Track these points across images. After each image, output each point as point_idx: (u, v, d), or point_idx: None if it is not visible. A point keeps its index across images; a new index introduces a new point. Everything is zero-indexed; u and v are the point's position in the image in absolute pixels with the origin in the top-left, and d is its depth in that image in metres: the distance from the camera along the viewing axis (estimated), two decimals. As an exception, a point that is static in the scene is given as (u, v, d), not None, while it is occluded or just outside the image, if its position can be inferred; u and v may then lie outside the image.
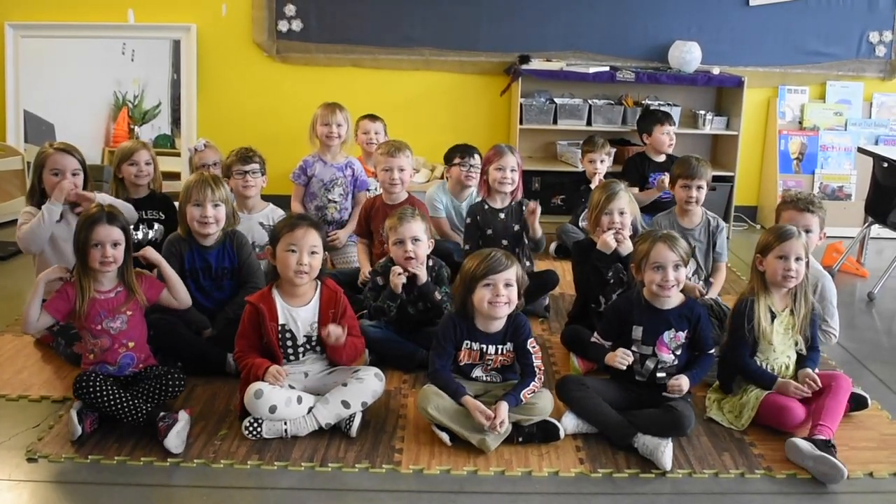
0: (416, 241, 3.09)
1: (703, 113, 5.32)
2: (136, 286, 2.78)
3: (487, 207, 3.68)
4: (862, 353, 3.46)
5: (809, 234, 2.98)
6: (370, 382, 2.68)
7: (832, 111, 5.50)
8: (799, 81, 5.50)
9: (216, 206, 3.11)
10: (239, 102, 5.36)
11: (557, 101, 5.25)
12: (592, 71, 5.14)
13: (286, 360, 2.72)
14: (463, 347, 2.70)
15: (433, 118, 5.43)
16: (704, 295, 3.22)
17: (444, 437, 2.57)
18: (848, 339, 3.53)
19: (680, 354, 2.72)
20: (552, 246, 4.67)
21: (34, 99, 5.28)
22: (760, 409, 2.69)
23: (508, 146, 3.72)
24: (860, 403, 2.87)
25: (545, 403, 2.64)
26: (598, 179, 4.53)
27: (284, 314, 2.70)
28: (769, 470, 2.50)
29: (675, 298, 2.74)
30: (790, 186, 5.37)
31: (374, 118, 4.64)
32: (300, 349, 2.73)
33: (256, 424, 2.57)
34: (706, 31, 5.32)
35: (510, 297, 2.62)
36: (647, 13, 5.33)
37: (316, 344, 2.75)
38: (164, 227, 3.61)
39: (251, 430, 2.58)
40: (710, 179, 3.62)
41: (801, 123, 5.51)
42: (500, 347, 2.70)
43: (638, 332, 2.72)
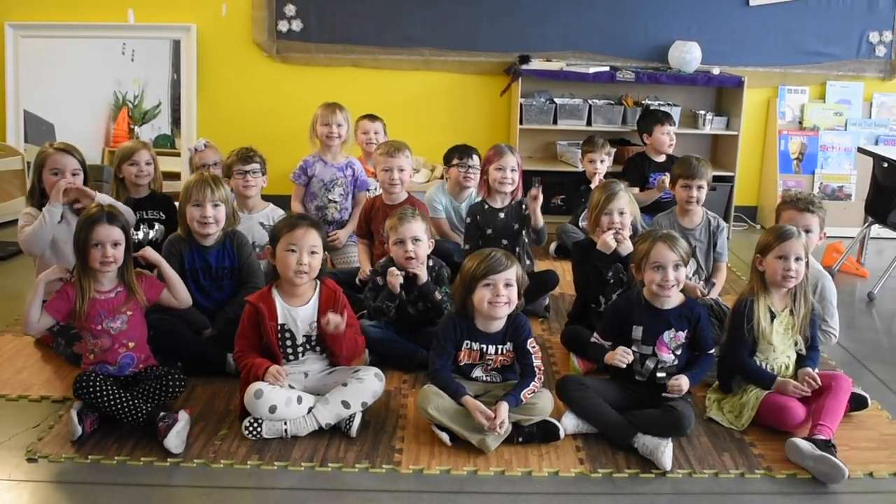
0: (416, 241, 3.09)
1: (703, 113, 5.31)
2: (136, 286, 2.78)
3: (487, 207, 3.68)
4: (862, 353, 3.46)
5: (809, 234, 2.99)
6: (370, 382, 2.68)
7: (832, 111, 5.50)
8: (799, 81, 5.50)
9: (216, 206, 3.11)
10: (239, 102, 5.36)
11: (557, 101, 5.25)
12: (592, 71, 5.14)
13: (286, 359, 2.72)
14: (463, 347, 2.70)
15: (433, 118, 5.42)
16: (705, 295, 3.22)
17: (444, 437, 2.57)
18: (848, 339, 3.53)
19: (680, 354, 2.72)
20: (552, 246, 4.68)
21: (34, 99, 5.28)
22: (760, 408, 2.69)
23: (508, 146, 3.73)
24: (860, 403, 2.87)
25: (545, 403, 2.64)
26: (598, 179, 4.53)
27: (284, 314, 2.70)
28: (769, 470, 2.50)
29: (675, 298, 2.74)
30: (790, 186, 5.37)
31: (373, 118, 4.64)
32: (299, 349, 2.73)
33: (256, 424, 2.57)
34: (706, 31, 5.32)
35: (510, 297, 2.62)
36: (647, 13, 5.33)
37: (316, 344, 2.75)
38: (164, 227, 3.61)
39: (251, 430, 2.58)
40: (710, 179, 3.62)
41: (801, 123, 5.51)
42: (500, 347, 2.70)
43: (638, 331, 2.71)
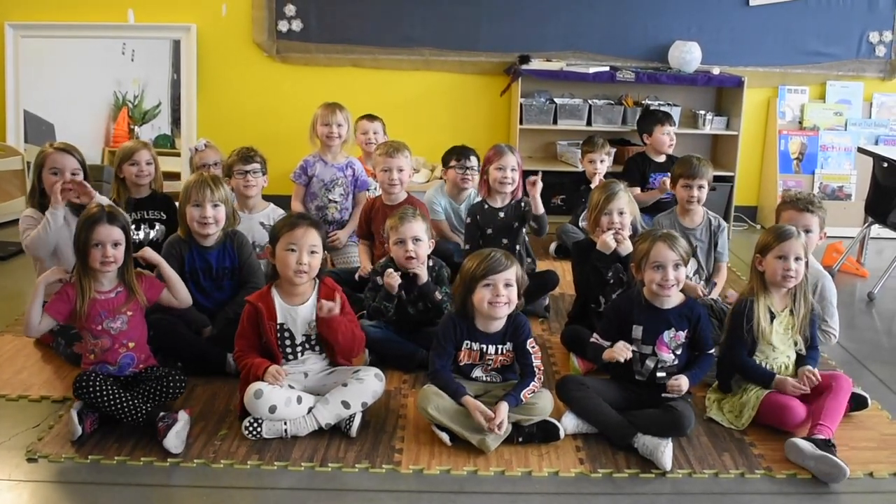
0: (416, 240, 3.09)
1: (703, 113, 5.31)
2: (136, 286, 2.77)
3: (487, 207, 3.68)
4: (862, 353, 3.46)
5: (809, 234, 2.99)
6: (370, 383, 2.68)
7: (832, 111, 5.50)
8: (799, 81, 5.50)
9: (216, 206, 3.11)
10: (239, 102, 5.36)
11: (557, 101, 5.25)
12: (592, 71, 5.14)
13: (285, 359, 2.72)
14: (463, 347, 2.70)
15: (433, 118, 5.42)
16: (706, 295, 3.22)
17: (444, 437, 2.57)
18: (848, 339, 3.53)
19: (680, 354, 2.72)
20: (552, 246, 4.68)
21: (34, 99, 5.28)
22: (761, 408, 2.69)
23: (508, 146, 3.73)
24: (860, 403, 2.87)
25: (545, 403, 2.64)
26: (598, 179, 4.53)
27: (283, 313, 2.70)
28: (769, 470, 2.50)
29: (675, 298, 2.74)
30: (790, 186, 5.37)
31: (372, 118, 4.64)
32: (299, 348, 2.73)
33: (256, 424, 2.57)
34: (706, 31, 5.32)
35: (510, 297, 2.62)
36: (647, 13, 5.33)
37: (315, 343, 2.75)
38: (165, 227, 3.61)
39: (251, 430, 2.58)
40: (711, 179, 3.63)
41: (801, 123, 5.51)
42: (499, 347, 2.70)
43: (638, 331, 2.71)
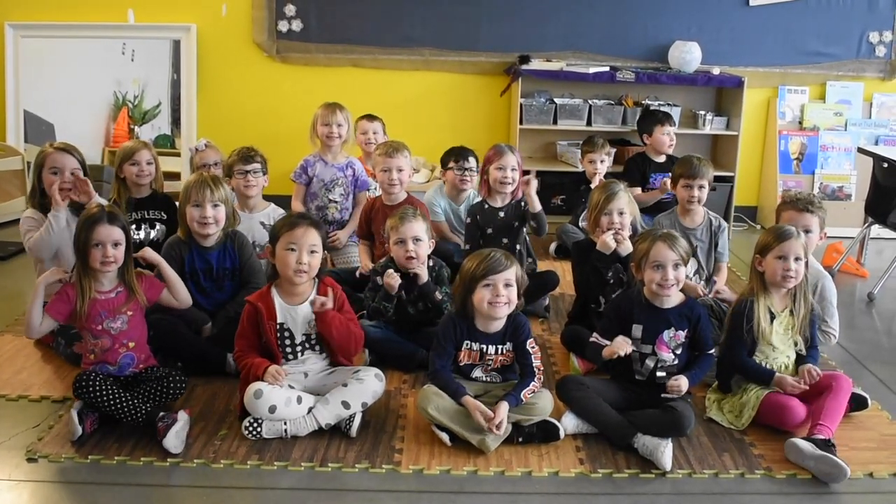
0: (417, 240, 3.09)
1: (703, 113, 5.31)
2: (136, 286, 2.77)
3: (487, 207, 3.68)
4: (862, 353, 3.46)
5: (809, 234, 2.99)
6: (370, 383, 2.68)
7: (832, 111, 5.50)
8: (799, 81, 5.50)
9: (216, 206, 3.11)
10: (239, 102, 5.36)
11: (557, 101, 5.25)
12: (592, 71, 5.14)
13: (285, 359, 2.72)
14: (463, 348, 2.70)
15: (433, 118, 5.42)
16: (706, 295, 3.22)
17: (444, 437, 2.57)
18: (848, 339, 3.53)
19: (680, 354, 2.72)
20: (552, 246, 4.68)
21: (34, 99, 5.28)
22: (761, 408, 2.69)
23: (508, 146, 3.73)
24: (860, 403, 2.87)
25: (545, 403, 2.64)
26: (598, 179, 4.53)
27: (283, 313, 2.70)
28: (769, 470, 2.50)
29: (675, 298, 2.74)
30: (790, 187, 5.37)
31: (372, 118, 4.64)
32: (298, 348, 2.73)
33: (256, 424, 2.57)
34: (706, 31, 5.32)
35: (510, 297, 2.62)
36: (647, 13, 5.33)
37: (315, 343, 2.75)
38: (165, 227, 3.61)
39: (251, 430, 2.58)
40: (711, 179, 3.63)
41: (801, 123, 5.51)
42: (499, 347, 2.70)
43: (638, 330, 2.71)
